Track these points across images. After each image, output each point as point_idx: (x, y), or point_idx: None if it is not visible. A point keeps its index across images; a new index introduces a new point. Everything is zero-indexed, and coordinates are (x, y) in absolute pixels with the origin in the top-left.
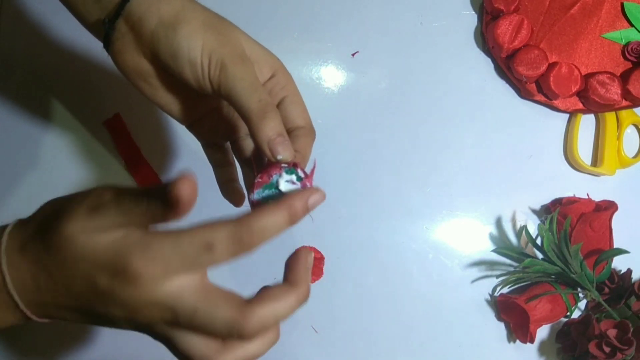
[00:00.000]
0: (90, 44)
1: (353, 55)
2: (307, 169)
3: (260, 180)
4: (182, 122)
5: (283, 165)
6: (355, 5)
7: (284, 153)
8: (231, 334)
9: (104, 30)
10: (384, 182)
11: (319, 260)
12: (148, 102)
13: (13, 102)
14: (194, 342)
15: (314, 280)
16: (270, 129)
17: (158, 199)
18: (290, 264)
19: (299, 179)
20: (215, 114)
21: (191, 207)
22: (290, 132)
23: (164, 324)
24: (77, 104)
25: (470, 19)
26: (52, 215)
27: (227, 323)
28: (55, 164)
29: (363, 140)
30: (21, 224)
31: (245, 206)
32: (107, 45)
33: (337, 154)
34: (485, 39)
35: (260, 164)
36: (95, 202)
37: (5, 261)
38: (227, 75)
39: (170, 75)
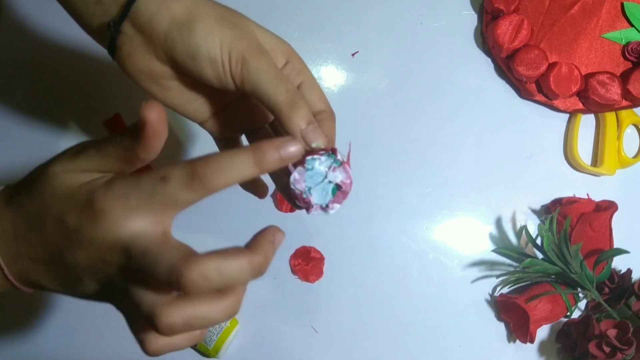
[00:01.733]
0: (90, 45)
1: (353, 55)
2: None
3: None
4: (195, 120)
5: (321, 152)
6: (355, 6)
7: (318, 140)
8: (170, 280)
9: (108, 34)
10: (384, 182)
11: (319, 260)
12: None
13: (13, 102)
14: (142, 293)
15: (313, 280)
16: (302, 118)
17: (130, 131)
18: (257, 234)
19: (338, 162)
20: (230, 108)
21: (160, 134)
22: (313, 116)
23: (120, 273)
24: (77, 104)
25: (470, 19)
26: (38, 167)
27: (168, 266)
28: None
29: (363, 140)
30: (12, 185)
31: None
32: (113, 49)
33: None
34: (485, 39)
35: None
36: (79, 147)
37: None
38: (250, 69)
39: (185, 75)
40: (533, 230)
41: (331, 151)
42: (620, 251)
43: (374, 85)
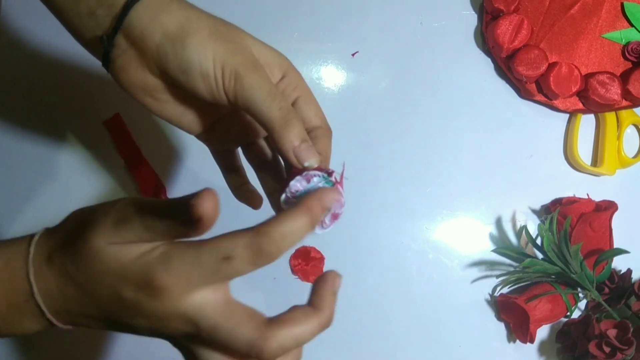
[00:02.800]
0: None
1: (353, 55)
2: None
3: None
4: (190, 132)
5: (316, 173)
6: (355, 6)
7: (310, 159)
8: (250, 355)
9: (102, 47)
10: (384, 182)
11: (319, 260)
12: None
13: (13, 102)
14: (214, 358)
15: (313, 280)
16: (294, 137)
17: (181, 215)
18: (317, 287)
19: (330, 184)
20: (224, 121)
21: (213, 223)
22: (308, 132)
23: (186, 337)
24: (77, 104)
25: (470, 19)
26: (79, 227)
27: (247, 342)
28: (55, 164)
29: (363, 140)
30: (48, 233)
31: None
32: (107, 62)
33: (337, 153)
34: (485, 39)
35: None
36: (120, 215)
37: (33, 271)
38: (243, 85)
39: (179, 88)
40: (533, 230)
41: (326, 173)
42: (620, 251)
43: (374, 85)
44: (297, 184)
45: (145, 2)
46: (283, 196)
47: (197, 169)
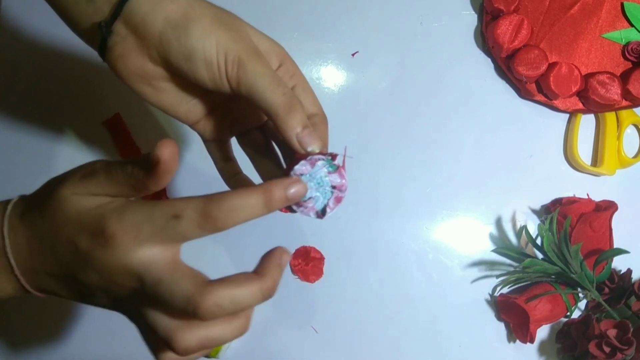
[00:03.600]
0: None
1: (353, 55)
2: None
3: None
4: (186, 122)
5: (317, 156)
6: (355, 6)
7: (313, 144)
8: (187, 310)
9: (99, 35)
10: (384, 182)
11: (319, 260)
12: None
13: (14, 102)
14: (158, 317)
15: (313, 280)
16: (298, 122)
17: (142, 163)
18: (264, 257)
19: (334, 167)
20: (220, 110)
21: (171, 171)
22: None
23: (133, 295)
24: (77, 104)
25: (470, 19)
26: (50, 183)
27: (184, 297)
28: (55, 164)
29: (363, 140)
30: (24, 197)
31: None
32: (103, 50)
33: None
34: (485, 39)
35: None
36: (89, 169)
37: (7, 226)
38: (247, 72)
39: (178, 76)
40: (533, 230)
41: (330, 156)
42: (620, 251)
43: (374, 85)
44: (302, 168)
45: None
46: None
47: (196, 168)
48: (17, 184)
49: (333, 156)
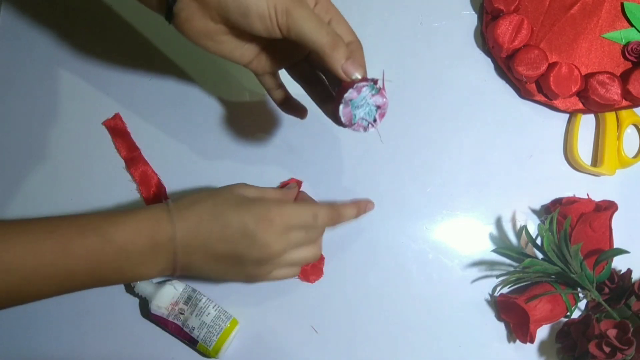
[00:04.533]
0: (90, 45)
1: None
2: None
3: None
4: (241, 62)
5: (364, 83)
6: (355, 6)
7: (357, 72)
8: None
9: (166, 3)
10: (384, 182)
11: (319, 260)
12: (148, 102)
13: (14, 102)
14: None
15: (313, 280)
16: (342, 55)
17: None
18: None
19: (377, 90)
20: (269, 48)
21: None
22: None
23: (275, 260)
24: (77, 104)
25: (470, 19)
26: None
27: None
28: (56, 163)
29: (363, 140)
30: (177, 200)
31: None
32: (170, 16)
33: (337, 154)
34: (485, 39)
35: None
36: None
37: (175, 215)
38: (295, 19)
39: (235, 29)
40: (533, 230)
41: (372, 81)
42: (620, 251)
43: None
44: (351, 94)
45: None
46: (341, 106)
47: (197, 168)
48: (16, 183)
49: (375, 81)
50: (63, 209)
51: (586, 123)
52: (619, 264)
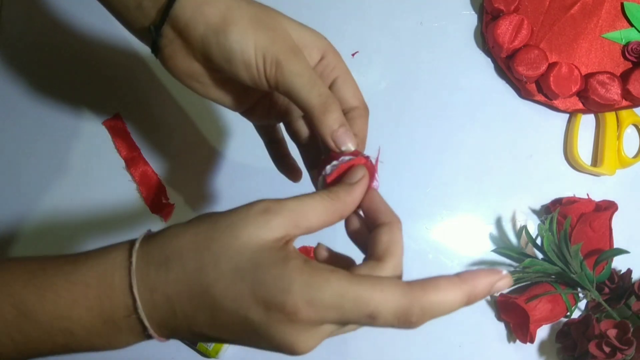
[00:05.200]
0: (89, 44)
1: (353, 55)
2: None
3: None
4: (235, 110)
5: (351, 157)
6: (355, 5)
7: (347, 143)
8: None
9: (150, 37)
10: (384, 182)
11: None
12: (147, 102)
13: (13, 102)
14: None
15: None
16: (333, 121)
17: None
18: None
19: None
20: (267, 99)
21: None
22: (345, 113)
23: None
24: (77, 104)
25: (470, 19)
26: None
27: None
28: (55, 163)
29: None
30: (149, 238)
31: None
32: (156, 50)
33: None
34: (485, 39)
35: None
36: (262, 206)
37: (136, 284)
38: (284, 73)
39: (222, 74)
40: (533, 230)
41: (363, 158)
42: (620, 251)
43: (374, 86)
44: (330, 169)
45: None
46: (320, 178)
47: (197, 168)
48: (16, 184)
49: (366, 158)
50: (63, 209)
51: (586, 123)
52: (619, 264)
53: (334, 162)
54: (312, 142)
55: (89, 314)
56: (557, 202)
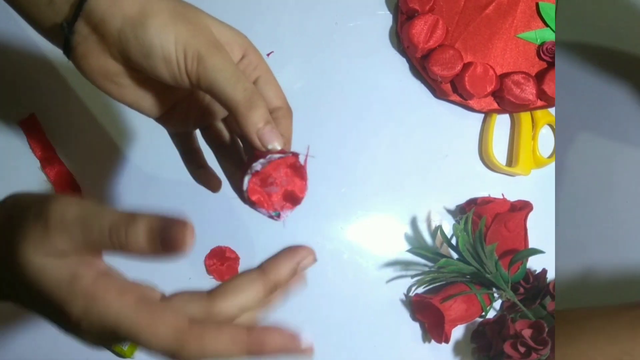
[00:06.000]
0: (7, 43)
1: (268, 55)
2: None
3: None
4: (150, 115)
5: (279, 155)
6: (270, 5)
7: (274, 141)
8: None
9: (62, 35)
10: None
11: (234, 260)
12: (63, 103)
13: None
14: None
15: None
16: (259, 118)
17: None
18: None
19: (295, 168)
20: (184, 103)
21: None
22: (270, 113)
23: None
24: None
25: (385, 18)
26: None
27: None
28: None
29: None
30: None
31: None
32: (68, 50)
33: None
34: (401, 39)
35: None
36: (55, 218)
37: None
38: (206, 68)
39: (140, 72)
40: (448, 230)
41: (291, 155)
42: (535, 251)
43: (289, 86)
44: (260, 166)
45: None
46: (246, 178)
47: (114, 169)
48: None
49: (295, 155)
50: None
51: (501, 123)
52: (534, 264)
53: (262, 160)
54: (233, 147)
55: None
56: (472, 202)
